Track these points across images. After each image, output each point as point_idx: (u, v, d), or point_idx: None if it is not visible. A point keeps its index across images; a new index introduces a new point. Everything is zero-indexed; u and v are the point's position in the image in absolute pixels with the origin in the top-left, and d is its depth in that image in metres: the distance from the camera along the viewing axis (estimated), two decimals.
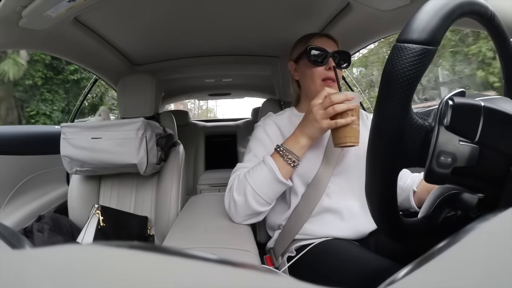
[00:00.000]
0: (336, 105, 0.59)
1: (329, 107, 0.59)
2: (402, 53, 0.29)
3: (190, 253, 0.15)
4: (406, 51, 0.29)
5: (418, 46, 0.29)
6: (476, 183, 0.34)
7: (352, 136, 0.59)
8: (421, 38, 0.29)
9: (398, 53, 0.29)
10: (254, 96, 2.57)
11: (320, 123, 0.61)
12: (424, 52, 0.29)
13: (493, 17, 0.34)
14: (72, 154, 0.92)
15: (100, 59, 1.27)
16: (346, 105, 0.59)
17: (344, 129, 0.59)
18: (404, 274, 0.17)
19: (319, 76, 0.74)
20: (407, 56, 0.29)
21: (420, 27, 0.29)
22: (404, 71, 0.29)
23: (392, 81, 0.29)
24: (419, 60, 0.29)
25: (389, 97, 0.30)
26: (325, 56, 0.73)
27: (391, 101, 0.30)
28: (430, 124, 0.33)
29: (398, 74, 0.29)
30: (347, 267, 0.56)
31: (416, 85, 0.29)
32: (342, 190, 0.71)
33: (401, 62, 0.29)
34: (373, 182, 0.34)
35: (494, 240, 0.17)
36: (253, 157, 0.73)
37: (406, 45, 0.29)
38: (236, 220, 0.68)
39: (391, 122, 0.30)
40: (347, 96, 0.59)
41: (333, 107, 0.59)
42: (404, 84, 0.29)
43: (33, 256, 0.13)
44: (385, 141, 0.31)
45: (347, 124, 0.58)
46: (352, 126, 0.59)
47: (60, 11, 0.78)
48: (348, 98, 0.59)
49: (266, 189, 0.64)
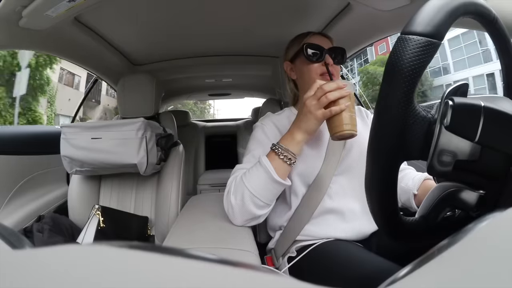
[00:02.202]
0: (329, 93, 0.59)
1: (322, 96, 0.59)
2: (407, 44, 0.29)
3: (190, 253, 0.15)
4: (411, 42, 0.29)
5: (423, 38, 0.29)
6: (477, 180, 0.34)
7: (348, 123, 0.58)
8: (426, 31, 0.29)
9: (403, 44, 0.29)
10: (254, 96, 2.57)
11: (314, 113, 0.60)
12: (429, 45, 0.29)
13: (496, 20, 0.35)
14: (72, 154, 0.92)
15: (100, 59, 1.27)
16: (339, 92, 0.58)
17: (339, 117, 0.58)
18: (404, 274, 0.17)
19: (316, 72, 0.74)
20: (412, 47, 0.29)
21: (425, 20, 0.29)
22: (408, 61, 0.29)
23: (396, 71, 0.29)
24: (423, 51, 0.29)
25: (392, 87, 0.30)
26: (321, 52, 0.73)
27: (394, 91, 0.30)
28: (433, 116, 0.33)
29: (403, 64, 0.29)
30: (348, 268, 0.56)
31: (420, 77, 0.30)
32: (343, 191, 0.71)
33: (405, 53, 0.29)
34: (373, 175, 0.34)
35: (494, 240, 0.17)
36: (251, 158, 0.73)
37: (411, 37, 0.29)
38: (235, 223, 0.67)
39: (394, 111, 0.30)
40: (338, 84, 0.59)
41: (325, 96, 0.59)
42: (408, 74, 0.29)
43: (33, 256, 0.13)
44: (388, 131, 0.31)
45: (342, 111, 0.58)
46: (347, 113, 0.58)
47: (60, 11, 0.78)
48: (339, 86, 0.59)
49: (263, 190, 0.63)
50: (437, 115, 0.32)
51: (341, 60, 0.76)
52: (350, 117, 0.58)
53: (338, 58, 0.75)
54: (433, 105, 0.34)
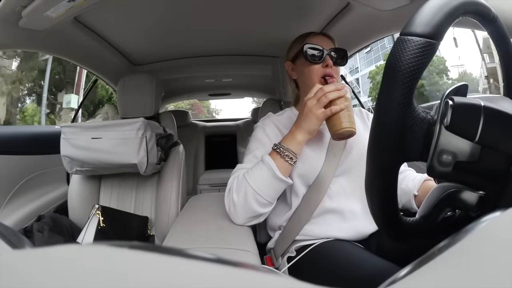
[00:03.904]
0: (328, 93, 0.62)
1: (322, 96, 0.62)
2: (406, 45, 0.29)
3: (190, 253, 0.15)
4: (410, 43, 0.29)
5: (422, 39, 0.29)
6: (477, 181, 0.34)
7: (347, 121, 0.61)
8: (425, 31, 0.29)
9: (402, 45, 0.29)
10: (254, 96, 2.57)
11: (315, 113, 0.63)
12: (428, 45, 0.29)
13: (495, 19, 0.34)
14: (72, 154, 0.92)
15: (100, 59, 1.27)
16: (338, 92, 0.62)
17: (338, 116, 0.62)
18: (404, 274, 0.17)
19: (317, 74, 0.74)
20: (411, 48, 0.29)
21: (424, 21, 0.29)
22: (408, 62, 0.29)
23: (395, 72, 0.29)
24: (422, 52, 0.29)
25: (392, 88, 0.30)
26: (322, 53, 0.73)
27: (394, 92, 0.30)
28: (432, 117, 0.33)
29: (402, 65, 0.29)
30: (348, 268, 0.56)
31: (419, 78, 0.30)
32: (344, 191, 0.71)
33: (405, 54, 0.29)
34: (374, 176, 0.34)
35: (494, 240, 0.17)
36: (252, 158, 0.73)
37: (410, 38, 0.29)
38: (237, 222, 0.68)
39: (394, 112, 0.30)
40: (337, 85, 0.63)
41: (325, 95, 0.62)
42: (407, 75, 0.29)
43: (33, 256, 0.13)
44: (387, 132, 0.31)
45: (341, 109, 0.62)
46: (346, 112, 0.62)
47: (60, 11, 0.78)
48: (338, 88, 0.63)
49: (265, 187, 0.64)
50: (437, 116, 0.32)
51: (342, 62, 0.76)
52: (349, 116, 0.62)
53: (339, 59, 0.75)
54: (432, 106, 0.34)
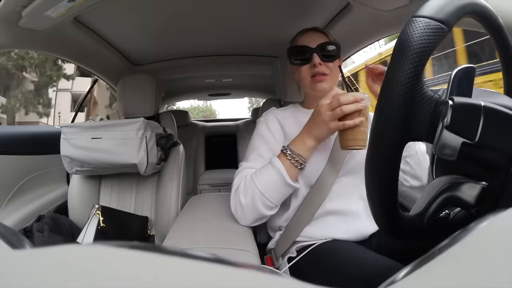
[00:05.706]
0: (344, 106, 0.57)
1: (337, 108, 0.58)
2: (418, 25, 0.30)
3: (190, 253, 0.15)
4: (422, 23, 0.30)
5: (433, 21, 0.30)
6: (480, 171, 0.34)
7: (360, 139, 0.57)
8: (438, 16, 0.30)
9: (414, 24, 0.30)
10: (254, 96, 2.57)
11: (327, 124, 0.60)
12: (439, 29, 0.30)
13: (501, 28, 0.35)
14: (72, 154, 0.92)
15: (100, 59, 1.27)
16: (355, 106, 0.57)
17: (352, 131, 0.58)
18: (404, 274, 0.17)
19: (306, 75, 0.74)
20: (422, 28, 0.30)
21: (437, 7, 0.30)
22: (419, 39, 0.29)
23: (406, 47, 0.30)
24: (433, 33, 0.29)
25: (402, 62, 0.30)
26: (307, 53, 0.72)
27: (404, 65, 0.30)
28: (440, 96, 0.33)
29: (413, 41, 0.29)
30: (348, 267, 0.56)
31: (427, 58, 0.30)
32: (345, 192, 0.70)
33: (416, 32, 0.30)
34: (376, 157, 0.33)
35: (494, 240, 0.17)
36: (257, 157, 0.72)
37: (422, 19, 0.30)
38: (242, 223, 0.67)
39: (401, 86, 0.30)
40: (355, 97, 0.57)
41: (341, 108, 0.57)
42: (418, 50, 0.29)
43: (33, 256, 0.13)
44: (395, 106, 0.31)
45: (355, 125, 0.57)
46: (360, 129, 0.57)
47: (60, 11, 0.78)
48: (357, 100, 0.57)
49: (274, 191, 0.63)
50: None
51: (334, 56, 0.74)
52: (362, 132, 0.58)
53: (329, 54, 0.73)
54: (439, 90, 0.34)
